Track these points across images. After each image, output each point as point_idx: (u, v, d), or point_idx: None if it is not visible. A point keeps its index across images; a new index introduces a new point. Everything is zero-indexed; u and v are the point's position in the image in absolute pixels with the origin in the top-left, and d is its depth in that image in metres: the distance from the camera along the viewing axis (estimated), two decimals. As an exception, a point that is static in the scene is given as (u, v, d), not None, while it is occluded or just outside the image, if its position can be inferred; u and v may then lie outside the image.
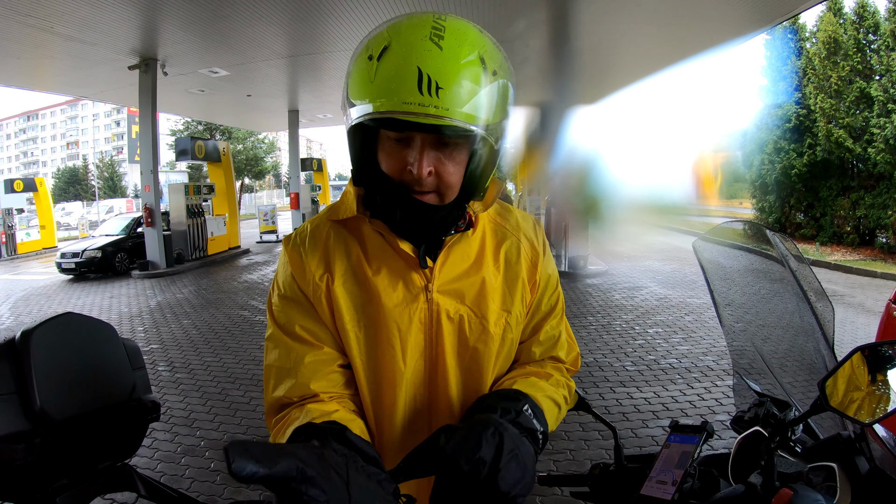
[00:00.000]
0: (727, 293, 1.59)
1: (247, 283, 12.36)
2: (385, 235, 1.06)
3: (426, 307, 1.07)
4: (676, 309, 8.66)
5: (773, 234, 1.35)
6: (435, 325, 1.08)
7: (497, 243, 1.15)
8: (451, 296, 1.09)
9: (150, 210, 13.93)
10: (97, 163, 61.69)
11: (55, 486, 1.35)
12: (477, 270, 1.11)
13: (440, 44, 0.89)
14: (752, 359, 1.43)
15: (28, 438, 1.27)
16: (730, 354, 1.43)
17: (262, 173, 50.24)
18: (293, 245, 1.11)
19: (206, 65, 14.58)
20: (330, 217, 1.12)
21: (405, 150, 0.96)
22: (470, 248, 1.12)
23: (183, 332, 8.01)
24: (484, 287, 1.11)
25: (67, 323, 1.46)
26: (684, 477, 0.95)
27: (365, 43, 0.96)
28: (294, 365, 1.05)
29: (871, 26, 16.48)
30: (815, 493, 0.85)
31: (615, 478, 1.19)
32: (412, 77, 0.87)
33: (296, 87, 18.43)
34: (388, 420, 1.09)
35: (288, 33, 12.44)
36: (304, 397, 1.03)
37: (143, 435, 1.59)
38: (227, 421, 4.77)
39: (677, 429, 1.08)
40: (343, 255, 1.09)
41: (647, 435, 4.28)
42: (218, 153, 18.54)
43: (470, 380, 1.11)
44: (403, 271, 1.07)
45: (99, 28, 11.15)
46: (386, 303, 1.05)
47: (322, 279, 1.07)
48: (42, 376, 1.31)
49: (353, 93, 0.95)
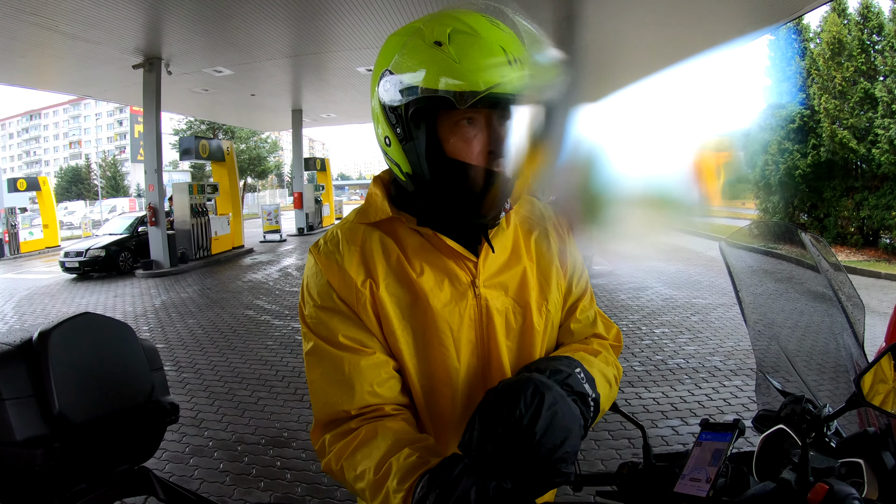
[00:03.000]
0: (753, 292, 1.57)
1: (251, 283, 12.35)
2: (423, 232, 1.06)
3: (475, 303, 1.08)
4: (682, 309, 8.63)
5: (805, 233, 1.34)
6: (486, 320, 1.08)
7: (527, 233, 1.16)
8: (496, 289, 1.10)
9: (154, 209, 13.92)
10: (100, 162, 61.81)
11: (73, 491, 1.33)
12: (517, 262, 1.13)
13: (500, 27, 0.96)
14: (776, 358, 1.42)
15: (47, 443, 1.25)
16: (754, 353, 1.42)
17: (265, 173, 50.37)
18: (325, 253, 1.08)
19: (210, 64, 14.57)
20: (360, 220, 1.10)
21: (475, 130, 0.98)
22: (506, 240, 1.13)
23: (188, 331, 8.01)
24: (525, 278, 1.12)
25: (85, 323, 1.44)
26: (717, 474, 0.94)
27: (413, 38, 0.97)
28: (349, 374, 1.02)
29: (876, 27, 16.42)
30: (849, 487, 0.85)
31: (644, 477, 1.17)
32: (500, 54, 0.92)
33: (299, 86, 18.44)
34: (448, 420, 1.09)
35: (292, 32, 12.43)
36: (365, 410, 1.02)
37: (161, 437, 1.57)
38: (235, 421, 4.75)
39: (708, 426, 1.07)
40: (382, 258, 1.07)
41: (657, 435, 4.26)
42: (222, 152, 18.52)
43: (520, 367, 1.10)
44: (447, 269, 1.07)
45: (103, 27, 11.13)
46: (434, 304, 1.05)
47: (365, 285, 1.05)
48: (60, 379, 1.30)
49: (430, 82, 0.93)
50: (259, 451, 4.16)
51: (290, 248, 19.38)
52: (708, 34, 11.73)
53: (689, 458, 1.01)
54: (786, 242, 1.48)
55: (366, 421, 1.00)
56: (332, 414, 1.02)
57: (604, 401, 1.05)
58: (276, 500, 3.45)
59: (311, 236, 23.01)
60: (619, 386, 1.19)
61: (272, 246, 20.16)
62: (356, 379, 1.01)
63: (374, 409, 1.01)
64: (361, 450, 0.95)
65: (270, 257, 17.01)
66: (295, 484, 3.67)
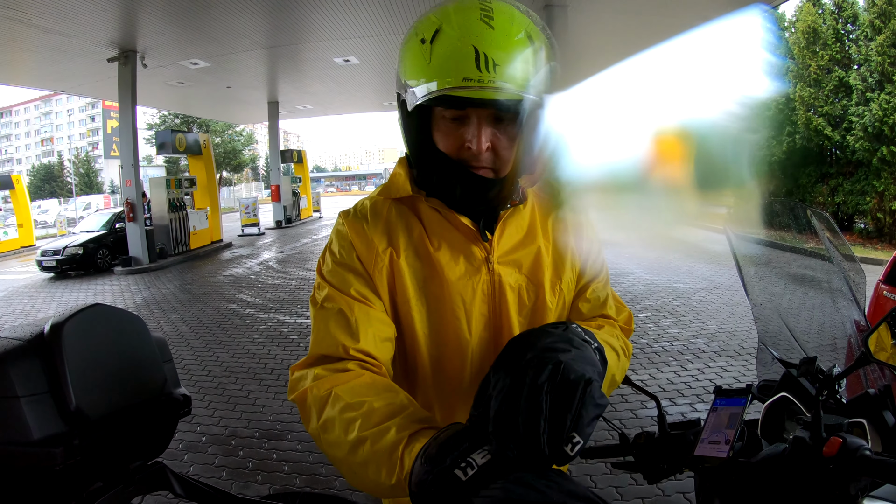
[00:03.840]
0: (756, 270, 1.62)
1: (232, 277, 12.25)
2: (442, 211, 1.09)
3: (488, 278, 1.10)
4: (664, 294, 8.74)
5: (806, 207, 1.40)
6: (498, 295, 1.11)
7: (545, 214, 1.19)
8: (510, 266, 1.12)
9: (132, 205, 13.70)
10: (73, 159, 60.61)
11: (91, 490, 1.32)
12: (532, 241, 1.15)
13: (491, 24, 0.93)
14: (777, 331, 1.46)
15: (66, 440, 1.23)
16: (756, 327, 1.46)
17: (241, 166, 49.83)
18: (354, 217, 1.13)
19: (185, 56, 14.35)
20: (385, 195, 1.14)
21: (462, 127, 1.00)
22: (523, 220, 1.15)
23: (172, 327, 7.93)
24: (539, 256, 1.15)
25: (97, 315, 1.41)
26: (735, 436, 0.98)
27: (414, 28, 1.00)
28: (357, 320, 1.03)
29: (850, 16, 16.79)
30: (860, 440, 0.88)
31: (660, 445, 1.20)
32: (469, 56, 0.92)
33: (276, 77, 18.24)
34: (454, 390, 1.11)
35: (269, 23, 12.28)
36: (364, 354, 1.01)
37: (174, 430, 1.56)
38: (227, 416, 4.73)
39: (721, 393, 1.10)
40: (405, 231, 1.11)
41: (647, 416, 4.33)
42: (199, 146, 18.27)
43: None
44: (463, 245, 1.10)
45: (77, 19, 10.90)
46: (449, 276, 1.08)
47: (386, 252, 1.09)
48: (75, 372, 1.27)
49: (410, 76, 0.99)
50: (254, 444, 4.15)
51: (269, 241, 19.23)
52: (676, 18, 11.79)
53: (707, 423, 1.05)
54: (788, 218, 1.52)
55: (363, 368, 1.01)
56: (330, 347, 1.02)
57: (613, 365, 1.05)
58: (276, 491, 3.45)
59: (290, 229, 22.86)
60: (629, 360, 1.20)
61: (251, 239, 19.98)
62: (363, 324, 1.03)
63: (372, 362, 1.02)
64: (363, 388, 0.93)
65: (250, 251, 16.87)
66: (293, 475, 3.67)
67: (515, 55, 0.94)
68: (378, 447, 0.84)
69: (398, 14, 11.63)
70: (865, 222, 16.22)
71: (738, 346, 6.12)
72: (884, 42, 15.52)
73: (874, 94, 15.77)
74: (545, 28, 1.02)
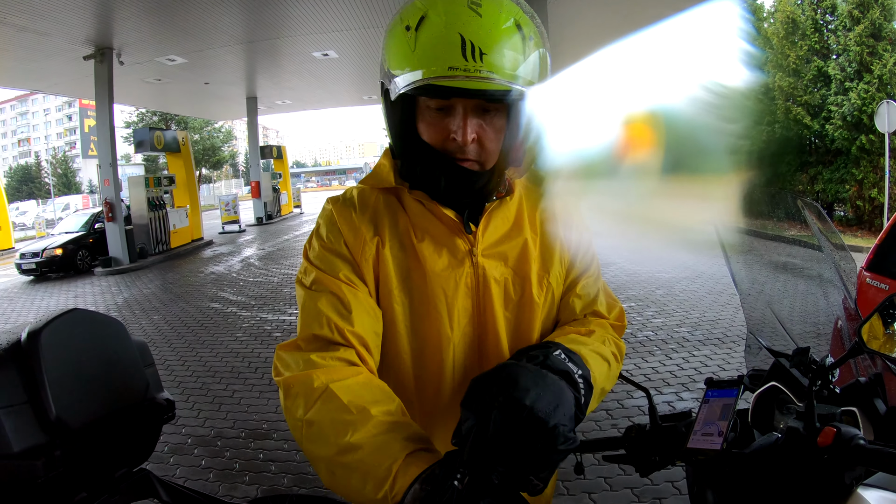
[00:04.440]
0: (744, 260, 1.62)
1: (214, 275, 12.18)
2: (426, 203, 1.06)
3: (472, 271, 1.08)
4: (646, 283, 8.79)
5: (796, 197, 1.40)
6: (482, 289, 1.09)
7: (532, 207, 1.16)
8: (495, 258, 1.10)
9: (111, 204, 13.56)
10: (50, 159, 59.64)
11: (75, 501, 1.28)
12: (518, 233, 1.13)
13: (479, 11, 0.90)
14: (766, 321, 1.47)
15: (47, 452, 1.19)
16: (745, 317, 1.47)
17: (220, 163, 49.45)
18: (343, 203, 1.11)
19: (162, 53, 14.19)
20: (370, 184, 1.13)
21: (447, 118, 0.97)
22: (509, 212, 1.13)
23: (154, 327, 7.85)
24: (525, 249, 1.12)
25: (75, 320, 1.37)
26: (728, 428, 0.98)
27: (399, 14, 0.96)
28: (350, 302, 1.01)
29: (829, 7, 17.15)
30: (854, 429, 0.88)
31: (652, 438, 1.20)
32: (455, 44, 0.89)
33: (254, 73, 18.13)
34: (434, 386, 1.09)
35: (247, 18, 12.17)
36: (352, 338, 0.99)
37: (158, 436, 1.53)
38: (212, 416, 4.68)
39: (713, 384, 1.10)
40: (392, 221, 1.09)
41: (634, 405, 4.35)
42: (177, 143, 18.17)
43: (518, 341, 1.12)
44: (446, 238, 1.07)
45: (53, 17, 10.75)
46: (431, 268, 1.06)
47: (373, 241, 1.07)
48: (55, 381, 1.23)
49: (393, 64, 0.96)
50: (240, 444, 4.12)
51: (250, 238, 19.16)
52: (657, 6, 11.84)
53: (699, 415, 1.05)
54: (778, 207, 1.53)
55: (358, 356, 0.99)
56: (323, 327, 0.99)
57: (602, 379, 1.04)
58: (265, 493, 3.42)
59: (271, 225, 22.76)
60: (622, 363, 1.18)
61: (232, 237, 19.88)
62: (356, 307, 1.01)
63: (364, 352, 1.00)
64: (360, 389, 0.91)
65: (231, 248, 16.79)
66: (280, 475, 3.64)
67: (503, 44, 0.91)
68: (371, 459, 0.83)
69: (377, 7, 11.55)
70: (845, 210, 16.63)
71: (722, 335, 6.17)
72: (862, 32, 15.85)
73: (853, 84, 16.13)
74: (534, 16, 0.99)
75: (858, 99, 15.81)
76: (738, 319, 6.63)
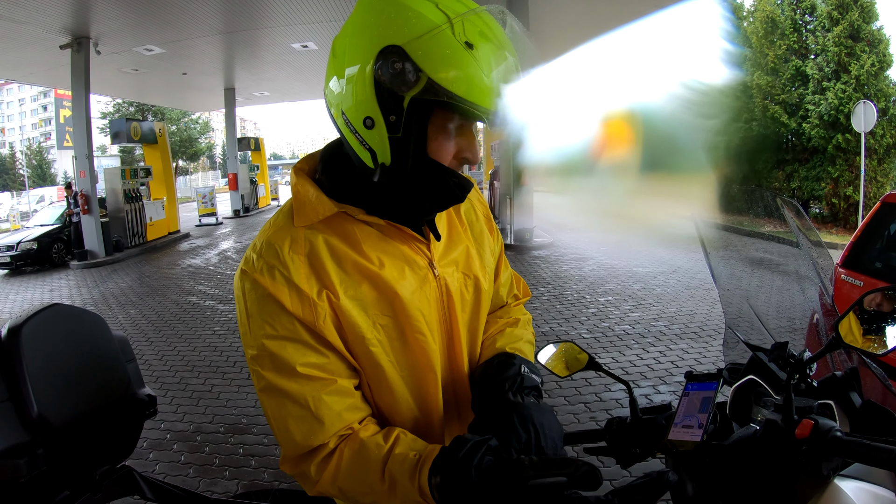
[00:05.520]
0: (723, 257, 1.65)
1: (191, 268, 12.06)
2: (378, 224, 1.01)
3: (436, 284, 1.07)
4: (624, 278, 8.87)
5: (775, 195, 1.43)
6: (446, 299, 1.09)
7: (457, 209, 1.19)
8: (450, 266, 1.11)
9: (87, 196, 13.34)
10: (25, 150, 58.37)
11: (58, 500, 1.27)
12: (458, 238, 1.16)
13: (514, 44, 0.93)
14: (742, 315, 1.50)
15: (30, 450, 1.17)
16: (724, 312, 1.50)
17: (197, 155, 48.80)
18: (267, 272, 0.96)
19: (140, 42, 13.98)
20: (299, 224, 1.00)
21: (460, 135, 0.97)
22: (442, 219, 1.14)
23: (131, 321, 7.76)
24: (468, 251, 1.15)
25: (56, 315, 1.35)
26: (708, 420, 1.01)
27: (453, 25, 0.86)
28: (316, 409, 0.95)
29: (808, 7, 17.47)
30: (831, 421, 0.91)
31: (632, 430, 1.23)
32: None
33: (232, 64, 17.91)
34: (434, 405, 1.08)
35: (225, 7, 12.02)
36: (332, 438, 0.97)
37: (140, 432, 1.52)
38: (190, 411, 4.65)
39: (693, 377, 1.14)
40: (333, 262, 0.98)
41: (612, 398, 4.40)
42: (154, 135, 17.89)
43: (473, 340, 1.16)
44: (404, 255, 1.04)
45: (29, 5, 10.55)
46: (403, 293, 1.01)
47: (322, 297, 0.96)
48: (36, 378, 1.21)
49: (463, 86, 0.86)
50: (219, 439, 4.10)
51: (228, 230, 18.96)
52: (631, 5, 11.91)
53: (679, 408, 1.09)
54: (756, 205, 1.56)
55: (341, 440, 0.97)
56: (304, 449, 0.97)
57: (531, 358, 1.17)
58: (246, 489, 3.41)
59: (248, 218, 22.54)
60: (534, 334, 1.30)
61: (209, 230, 19.66)
62: (324, 413, 0.95)
63: (345, 428, 0.98)
64: (353, 468, 0.94)
65: (208, 241, 16.61)
66: (261, 470, 3.63)
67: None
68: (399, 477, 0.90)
69: (358, -2, 11.44)
70: (821, 207, 17.00)
71: (699, 328, 6.25)
72: (840, 33, 16.18)
73: (830, 84, 16.48)
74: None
75: (835, 98, 16.15)
76: (714, 313, 6.72)
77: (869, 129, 13.35)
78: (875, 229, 4.06)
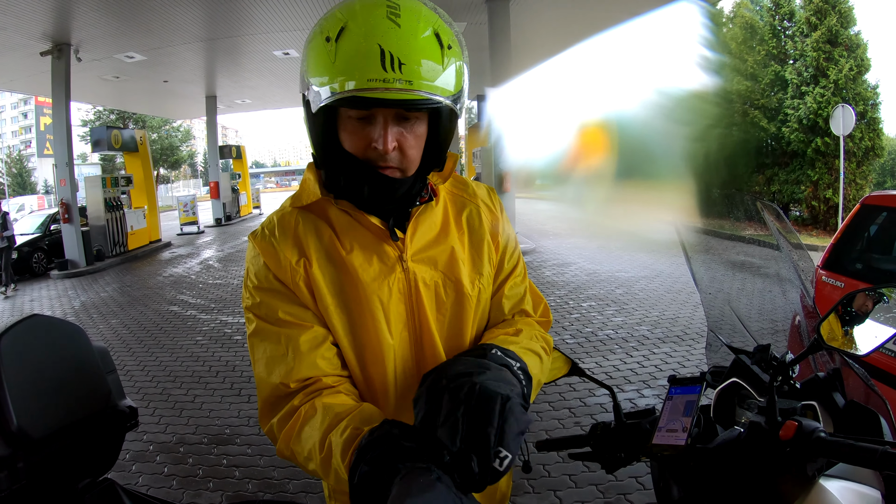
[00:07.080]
0: (704, 261, 1.67)
1: (173, 277, 11.94)
2: (352, 213, 1.08)
3: (403, 276, 1.09)
4: (606, 283, 8.92)
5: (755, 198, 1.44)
6: (414, 293, 1.10)
7: (458, 211, 1.19)
8: (424, 263, 1.12)
9: (67, 205, 13.19)
10: (5, 158, 57.58)
11: None
12: (445, 238, 1.15)
13: (398, 21, 0.92)
14: (724, 318, 1.51)
15: (10, 464, 1.16)
16: (706, 316, 1.51)
17: (178, 163, 48.56)
18: (262, 237, 1.11)
19: (121, 49, 13.89)
20: (294, 204, 1.13)
21: (368, 127, 0.99)
22: (435, 217, 1.15)
23: (112, 332, 7.67)
24: (454, 253, 1.14)
25: (35, 326, 1.33)
26: (692, 424, 1.02)
27: (319, 25, 0.98)
28: (287, 349, 1.04)
29: (787, 13, 17.75)
30: (815, 422, 0.92)
31: (617, 435, 1.23)
32: (375, 55, 0.90)
33: (214, 71, 17.87)
34: (382, 394, 1.10)
35: (207, 15, 11.98)
36: (305, 382, 1.02)
37: (121, 444, 1.50)
38: (173, 422, 4.59)
39: (676, 381, 1.15)
40: (315, 238, 1.09)
41: (596, 403, 4.41)
42: (135, 143, 17.74)
43: (453, 343, 1.14)
44: (375, 246, 1.09)
45: (9, 11, 10.44)
46: (363, 278, 1.07)
47: (299, 264, 1.07)
48: (15, 390, 1.19)
49: (314, 74, 0.96)
50: (203, 450, 4.05)
51: (209, 239, 18.84)
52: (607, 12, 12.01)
53: (663, 412, 1.09)
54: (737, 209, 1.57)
55: (307, 396, 1.01)
56: (272, 389, 1.03)
57: (536, 371, 1.06)
58: (229, 499, 3.37)
59: (230, 226, 22.42)
60: (551, 356, 1.23)
61: (190, 238, 19.53)
62: (294, 353, 1.03)
63: (313, 381, 1.03)
64: (304, 430, 0.96)
65: (190, 250, 16.49)
66: (245, 481, 3.59)
67: (421, 54, 0.93)
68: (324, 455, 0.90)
69: (339, 6, 11.46)
70: (800, 210, 17.30)
71: (682, 332, 6.29)
72: (819, 38, 16.48)
73: (809, 88, 16.77)
74: (453, 25, 1.01)
75: (814, 103, 16.43)
76: (696, 317, 6.77)
77: (847, 132, 13.61)
78: (855, 231, 4.12)
